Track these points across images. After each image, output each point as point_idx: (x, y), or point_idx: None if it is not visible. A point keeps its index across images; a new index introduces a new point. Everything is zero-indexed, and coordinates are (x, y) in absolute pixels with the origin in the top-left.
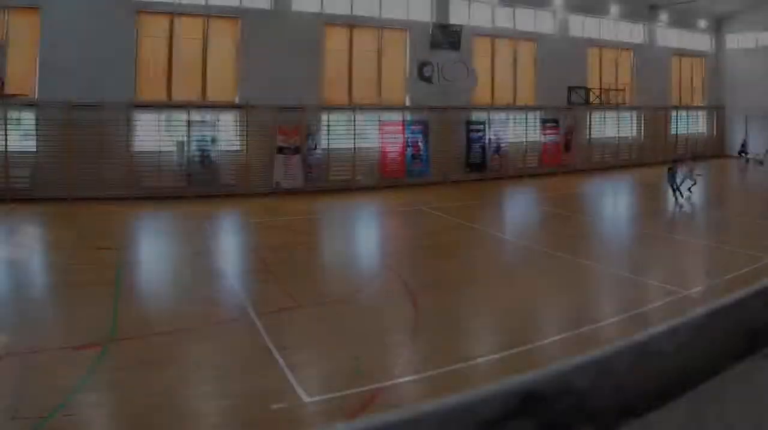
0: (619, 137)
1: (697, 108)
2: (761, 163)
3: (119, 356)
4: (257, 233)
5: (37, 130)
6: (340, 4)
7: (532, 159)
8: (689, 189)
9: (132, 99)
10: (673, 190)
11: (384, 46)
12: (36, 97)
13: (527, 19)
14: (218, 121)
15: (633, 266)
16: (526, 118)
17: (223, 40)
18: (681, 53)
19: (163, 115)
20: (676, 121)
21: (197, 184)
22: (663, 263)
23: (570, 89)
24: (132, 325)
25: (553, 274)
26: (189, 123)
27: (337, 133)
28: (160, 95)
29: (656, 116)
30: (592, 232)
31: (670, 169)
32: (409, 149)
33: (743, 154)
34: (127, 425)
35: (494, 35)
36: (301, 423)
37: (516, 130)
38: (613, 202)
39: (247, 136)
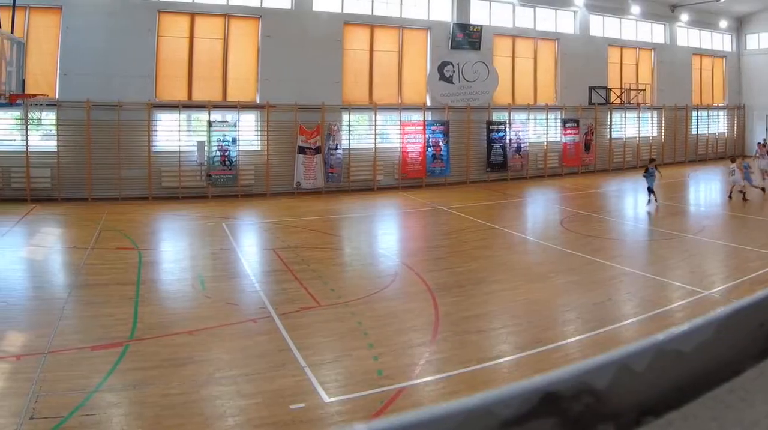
0: (639, 137)
1: (718, 108)
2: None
3: (140, 355)
4: (277, 233)
5: (57, 130)
6: (360, 4)
7: (553, 159)
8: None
9: (152, 99)
10: (649, 192)
11: (404, 46)
12: (56, 97)
13: (548, 19)
14: (239, 121)
15: (656, 267)
16: (547, 118)
17: (244, 39)
18: (701, 53)
19: (184, 115)
20: (697, 121)
21: (217, 184)
22: (687, 263)
23: (591, 89)
24: (152, 324)
25: (574, 273)
26: (209, 123)
27: (358, 133)
28: (181, 95)
29: (677, 116)
30: (613, 232)
31: (646, 169)
32: (429, 149)
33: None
34: (146, 424)
35: (515, 35)
36: (321, 423)
37: (536, 130)
38: (634, 202)
39: (267, 136)
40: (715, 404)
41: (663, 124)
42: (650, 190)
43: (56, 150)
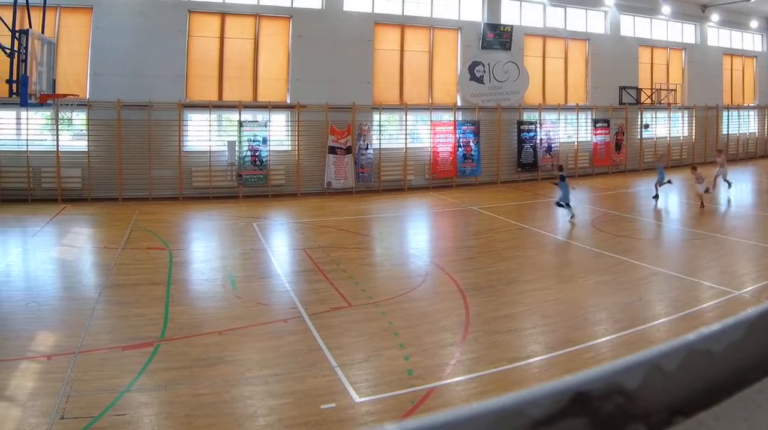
0: (670, 137)
1: (748, 108)
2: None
3: (170, 355)
4: (308, 233)
5: (88, 130)
6: (391, 4)
7: (584, 159)
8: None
9: (183, 99)
10: (560, 204)
11: (435, 46)
12: (87, 97)
13: (578, 19)
14: (269, 121)
15: (687, 267)
16: (577, 118)
17: (275, 39)
18: (732, 53)
19: (214, 115)
20: (727, 121)
21: (248, 184)
22: (717, 262)
23: (621, 89)
24: (183, 324)
25: (605, 273)
26: (240, 123)
27: (389, 133)
28: (212, 95)
29: (707, 116)
30: (643, 232)
31: (561, 177)
32: (460, 149)
33: None
34: (177, 424)
35: (545, 35)
36: (351, 423)
37: (567, 130)
38: (664, 202)
39: (298, 136)
40: (746, 404)
41: (693, 124)
42: (561, 204)
43: (87, 150)
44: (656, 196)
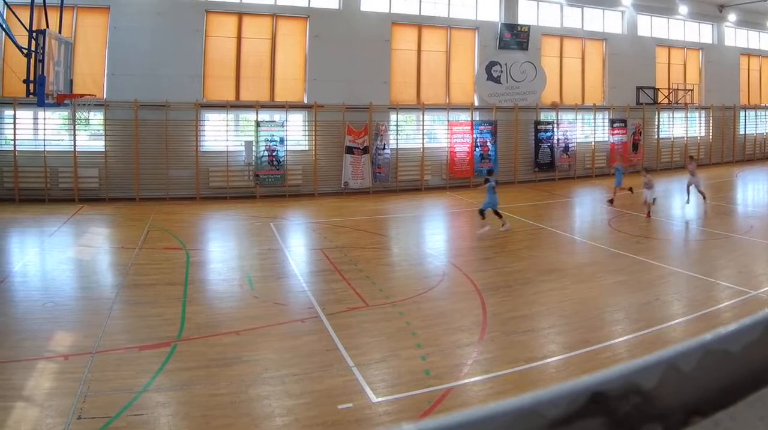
0: (687, 137)
1: (766, 108)
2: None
3: (187, 355)
4: (325, 233)
5: (105, 130)
6: (408, 4)
7: (601, 159)
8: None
9: (200, 99)
10: (482, 213)
11: (452, 46)
12: (104, 97)
13: (596, 19)
14: (286, 121)
15: (704, 266)
16: (594, 118)
17: (292, 39)
18: (749, 53)
19: (231, 115)
20: (745, 121)
21: (265, 184)
22: (734, 262)
23: (638, 89)
24: (200, 324)
25: (621, 273)
26: (257, 123)
27: (406, 133)
28: (229, 95)
29: (724, 116)
30: (660, 231)
31: (486, 181)
32: (477, 149)
33: None
34: (194, 424)
35: (562, 35)
36: (368, 423)
37: (584, 130)
38: (681, 201)
39: (315, 136)
40: (763, 405)
41: (711, 124)
42: (482, 212)
43: (104, 150)
44: (611, 201)
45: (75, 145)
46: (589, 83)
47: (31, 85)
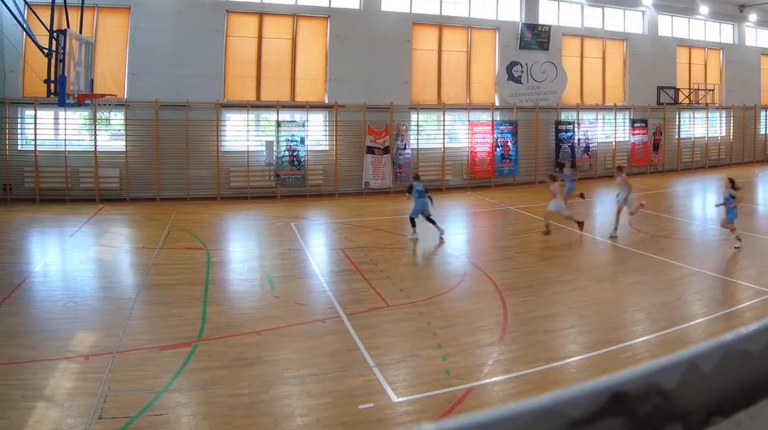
0: (708, 137)
1: None
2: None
3: (208, 355)
4: (346, 233)
5: (126, 130)
6: (429, 4)
7: (621, 159)
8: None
9: (221, 99)
10: (411, 221)
11: (473, 46)
12: (125, 97)
13: (616, 19)
14: (307, 120)
15: (724, 266)
16: (615, 118)
17: (313, 39)
18: None
19: (252, 115)
20: (765, 121)
21: (286, 184)
22: (756, 262)
23: (659, 89)
24: (221, 324)
25: (642, 273)
26: (278, 123)
27: (426, 133)
28: (249, 95)
29: (745, 116)
30: (681, 231)
31: (411, 188)
32: (498, 149)
33: None
34: (215, 424)
35: (583, 35)
36: (389, 423)
37: (605, 130)
38: (702, 202)
39: (336, 136)
40: None
41: (731, 125)
42: (413, 220)
43: (125, 150)
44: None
45: (96, 145)
46: (609, 83)
47: (52, 85)
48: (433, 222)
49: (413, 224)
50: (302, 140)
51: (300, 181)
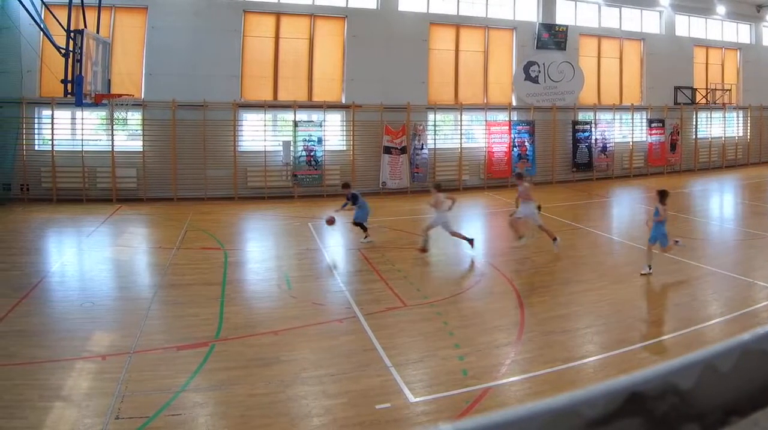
0: (725, 137)
1: None
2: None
3: (225, 355)
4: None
5: (143, 130)
6: (446, 4)
7: (638, 159)
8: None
9: (238, 99)
10: (361, 225)
11: (490, 46)
12: (142, 97)
13: (633, 19)
14: (324, 120)
15: (741, 267)
16: (632, 118)
17: (330, 39)
18: None
19: (269, 115)
20: None
21: (303, 184)
22: None
23: (676, 89)
24: (238, 324)
25: (659, 273)
26: (295, 123)
27: (444, 133)
28: (266, 95)
29: (762, 116)
30: (698, 231)
31: (352, 197)
32: (515, 149)
33: None
34: (232, 424)
35: (600, 35)
36: (406, 423)
37: (622, 130)
38: (720, 201)
39: (353, 136)
40: None
41: (749, 125)
42: (361, 224)
43: (142, 150)
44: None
45: (113, 145)
46: (626, 83)
47: (69, 85)
48: (365, 229)
49: (364, 229)
50: (319, 140)
51: (317, 181)
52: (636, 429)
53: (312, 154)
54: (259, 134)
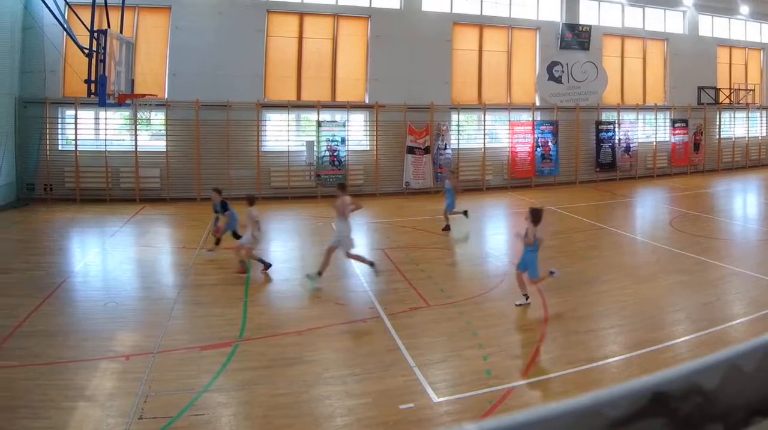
0: (748, 137)
1: None
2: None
3: (249, 355)
4: (387, 233)
5: (166, 130)
6: (469, 4)
7: (662, 159)
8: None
9: (261, 99)
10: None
11: (513, 46)
12: (165, 97)
13: (657, 19)
14: (347, 120)
15: (766, 266)
16: (656, 118)
17: (353, 39)
18: None
19: (293, 115)
20: None
21: (327, 184)
22: None
23: (700, 89)
24: (261, 324)
25: (683, 273)
26: (318, 123)
27: (467, 133)
28: (290, 95)
29: None
30: (722, 232)
31: (223, 206)
32: (538, 149)
33: None
34: (255, 424)
35: (624, 35)
36: (430, 423)
37: (645, 130)
38: (743, 202)
39: (376, 136)
40: None
41: None
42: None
43: (165, 150)
44: (447, 228)
45: (136, 145)
46: (650, 83)
47: (93, 86)
48: (211, 235)
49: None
50: (343, 140)
51: (341, 182)
52: (659, 429)
53: (335, 154)
54: (282, 134)
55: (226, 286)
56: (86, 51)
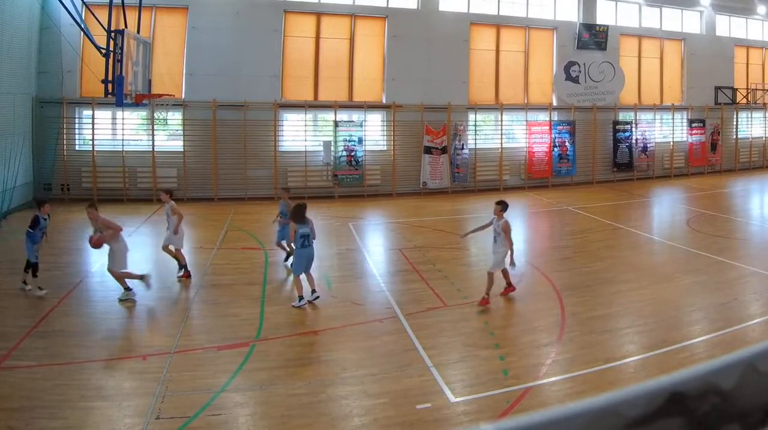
0: (765, 137)
1: None
2: None
3: (266, 355)
4: (404, 233)
5: (183, 130)
6: (487, 4)
7: (679, 159)
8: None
9: (279, 99)
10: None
11: (531, 46)
12: (182, 97)
13: (674, 19)
14: (365, 120)
15: None
16: (673, 118)
17: (370, 39)
18: None
19: (310, 115)
20: None
21: (344, 184)
22: None
23: (717, 89)
24: (278, 324)
25: (700, 273)
26: (335, 123)
27: (484, 133)
28: (307, 95)
29: None
30: (739, 231)
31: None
32: (555, 149)
33: None
34: (273, 424)
35: (641, 35)
36: (447, 423)
37: (662, 130)
38: (760, 202)
39: (393, 136)
40: None
41: None
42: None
43: (182, 150)
44: (287, 257)
45: (153, 145)
46: (667, 83)
47: (110, 85)
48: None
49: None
50: (360, 140)
51: (358, 181)
52: (677, 429)
53: (353, 154)
54: (299, 134)
55: (244, 286)
56: (103, 51)
